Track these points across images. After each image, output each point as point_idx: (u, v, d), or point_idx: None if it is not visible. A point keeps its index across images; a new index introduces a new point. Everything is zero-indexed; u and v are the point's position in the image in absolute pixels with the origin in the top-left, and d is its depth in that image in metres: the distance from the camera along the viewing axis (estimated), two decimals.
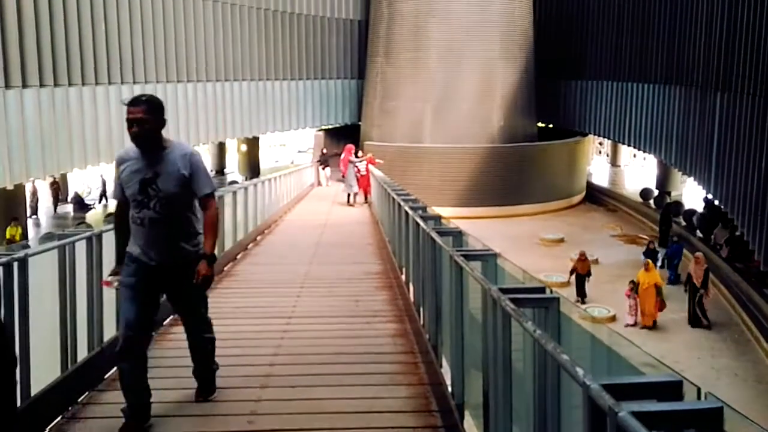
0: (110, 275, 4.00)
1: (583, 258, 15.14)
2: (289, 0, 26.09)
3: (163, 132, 3.79)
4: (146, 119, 3.64)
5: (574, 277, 15.23)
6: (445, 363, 4.91)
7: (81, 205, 26.21)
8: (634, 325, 13.54)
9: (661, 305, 13.64)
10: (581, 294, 14.96)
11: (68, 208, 26.64)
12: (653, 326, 13.56)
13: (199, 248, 3.89)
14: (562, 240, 20.82)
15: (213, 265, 3.92)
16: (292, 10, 26.31)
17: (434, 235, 5.51)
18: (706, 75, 15.91)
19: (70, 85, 16.11)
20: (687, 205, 23.02)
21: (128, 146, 3.82)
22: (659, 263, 15.75)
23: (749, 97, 12.92)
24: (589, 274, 15.16)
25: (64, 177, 26.63)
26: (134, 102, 3.67)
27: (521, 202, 24.30)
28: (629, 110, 22.68)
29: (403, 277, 8.13)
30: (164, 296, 4.09)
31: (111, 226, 4.60)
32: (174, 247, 3.82)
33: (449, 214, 21.55)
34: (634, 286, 13.73)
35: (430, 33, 25.64)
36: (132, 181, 3.73)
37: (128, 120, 3.64)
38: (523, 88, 26.59)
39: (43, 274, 4.32)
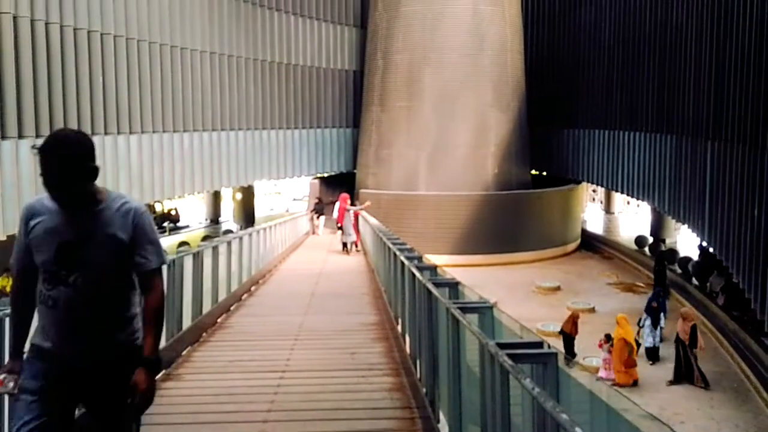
0: (1, 373, 2.76)
1: (575, 320, 14.56)
2: (285, 51, 26.58)
3: (158, 181, 3.19)
4: (65, 164, 2.59)
5: (562, 337, 14.49)
6: (442, 418, 4.83)
7: None
8: (608, 380, 12.73)
9: (630, 363, 13.04)
10: (570, 353, 14.27)
11: None
12: (633, 385, 12.86)
13: (136, 339, 2.81)
14: (558, 288, 20.75)
15: (156, 373, 2.84)
16: (289, 61, 26.79)
17: (430, 286, 5.49)
18: (696, 124, 16.13)
19: None
20: (682, 253, 23.04)
21: (45, 194, 2.72)
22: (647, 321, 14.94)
23: (739, 146, 13.07)
24: (576, 333, 14.60)
25: None
26: (48, 144, 2.60)
27: (516, 250, 24.30)
28: (621, 158, 22.91)
29: (399, 327, 8.05)
30: (81, 409, 2.90)
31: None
32: (100, 339, 2.72)
33: (445, 262, 21.62)
34: (608, 340, 13.44)
35: (424, 82, 26.07)
36: (45, 245, 2.68)
37: (41, 166, 2.59)
38: (516, 136, 26.91)
39: None
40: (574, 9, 27.40)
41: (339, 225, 19.77)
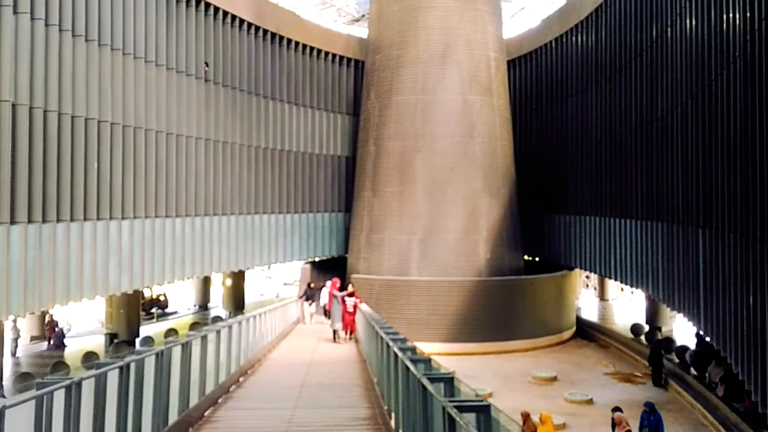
0: None
1: (525, 419, 13.11)
2: (279, 138, 27.03)
3: (148, 267, 3.24)
4: None
5: None
6: None
7: (59, 343, 25.44)
8: None
9: None
10: None
11: (43, 345, 25.89)
12: None
13: None
14: (554, 378, 20.28)
15: None
16: (282, 147, 27.22)
17: (425, 381, 5.31)
18: (686, 212, 16.23)
19: (58, 221, 16.14)
20: (679, 341, 22.71)
21: None
22: None
23: (731, 235, 13.09)
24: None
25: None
26: None
27: (511, 338, 23.94)
28: (613, 245, 22.94)
29: (393, 422, 7.75)
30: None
31: (92, 372, 4.24)
32: None
33: (438, 350, 21.27)
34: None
35: (415, 168, 26.45)
36: None
37: None
38: (507, 221, 27.08)
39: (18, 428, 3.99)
40: (560, 101, 28.23)
41: (326, 311, 19.49)
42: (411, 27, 27.08)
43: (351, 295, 19.68)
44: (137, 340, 23.59)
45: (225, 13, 23.86)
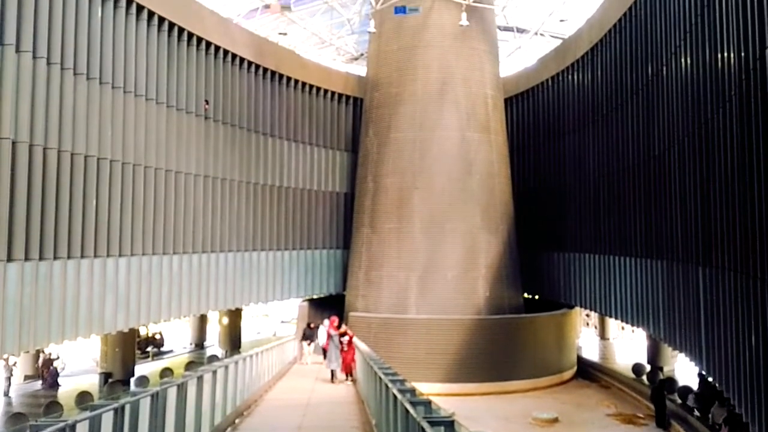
0: None
1: None
2: (278, 174, 27.09)
3: (145, 305, 3.16)
4: None
5: None
6: None
7: (53, 382, 25.06)
8: None
9: None
10: None
11: (36, 384, 25.50)
12: None
13: None
14: (556, 420, 19.95)
15: None
16: (281, 183, 27.26)
17: (425, 425, 5.19)
18: (686, 250, 16.16)
19: (55, 258, 16.04)
20: (681, 381, 22.42)
21: None
22: None
23: (731, 273, 13.01)
24: None
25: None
26: None
27: (511, 378, 23.62)
28: (613, 283, 22.79)
29: None
30: None
31: (86, 414, 4.15)
32: None
33: (437, 390, 20.97)
34: None
35: (414, 204, 26.46)
36: None
37: None
38: (506, 258, 26.98)
39: None
40: (558, 138, 28.39)
41: (324, 350, 19.29)
42: (409, 65, 27.40)
43: (344, 334, 19.48)
44: (132, 380, 23.26)
45: (226, 52, 24.12)
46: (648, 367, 25.40)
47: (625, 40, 21.46)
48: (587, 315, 39.53)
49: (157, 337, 34.39)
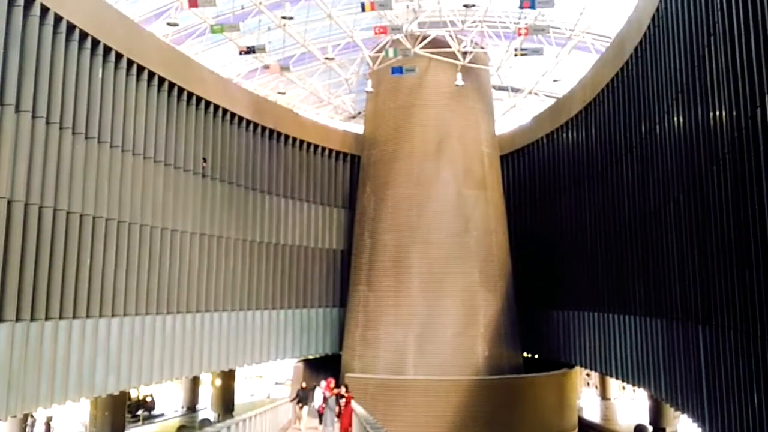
0: None
1: None
2: (274, 232, 26.99)
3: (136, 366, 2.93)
4: None
5: None
6: None
7: None
8: None
9: None
10: None
11: None
12: None
13: None
14: None
15: None
16: (277, 241, 27.13)
17: None
18: (685, 308, 15.96)
19: (46, 319, 15.78)
20: None
21: None
22: None
23: (731, 332, 12.81)
24: None
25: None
26: None
27: None
28: (612, 341, 22.44)
29: None
30: None
31: None
32: None
33: None
34: None
35: (411, 261, 26.30)
36: None
37: None
38: (505, 316, 26.66)
39: None
40: (554, 195, 28.48)
41: (320, 413, 18.79)
42: (406, 123, 27.72)
43: (340, 396, 19.02)
44: None
45: (225, 111, 24.37)
46: (650, 429, 24.81)
47: (618, 99, 21.77)
48: (588, 374, 38.87)
49: (149, 399, 33.62)
